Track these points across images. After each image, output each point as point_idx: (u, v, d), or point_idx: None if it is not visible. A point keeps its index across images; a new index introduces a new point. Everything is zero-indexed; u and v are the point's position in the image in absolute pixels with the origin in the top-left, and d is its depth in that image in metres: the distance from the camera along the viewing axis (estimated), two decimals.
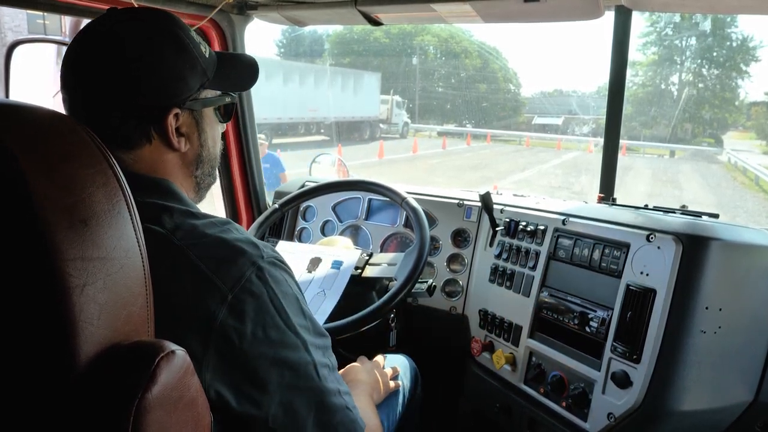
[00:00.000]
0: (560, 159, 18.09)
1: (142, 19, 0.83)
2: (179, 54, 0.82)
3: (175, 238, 0.74)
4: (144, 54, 0.80)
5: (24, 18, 15.60)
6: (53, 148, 0.49)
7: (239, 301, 0.72)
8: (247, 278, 0.73)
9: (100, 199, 0.50)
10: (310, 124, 20.57)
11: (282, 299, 0.76)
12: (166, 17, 0.85)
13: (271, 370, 0.74)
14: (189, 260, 0.72)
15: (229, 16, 1.77)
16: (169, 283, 0.69)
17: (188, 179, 0.89)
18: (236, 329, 0.71)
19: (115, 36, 0.80)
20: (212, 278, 0.71)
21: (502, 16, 1.53)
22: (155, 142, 0.82)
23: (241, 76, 0.97)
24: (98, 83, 0.79)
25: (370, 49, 27.14)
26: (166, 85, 0.81)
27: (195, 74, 0.84)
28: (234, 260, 0.74)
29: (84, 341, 0.47)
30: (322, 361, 0.80)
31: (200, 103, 0.87)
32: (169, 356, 0.51)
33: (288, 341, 0.76)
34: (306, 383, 0.77)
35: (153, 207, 0.76)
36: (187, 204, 0.83)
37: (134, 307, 0.52)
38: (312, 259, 1.53)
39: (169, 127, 0.82)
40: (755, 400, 1.20)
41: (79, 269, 0.47)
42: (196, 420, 0.55)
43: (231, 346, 0.71)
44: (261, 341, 0.73)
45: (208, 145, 0.91)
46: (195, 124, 0.87)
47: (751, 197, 12.57)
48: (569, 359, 1.31)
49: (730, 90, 25.23)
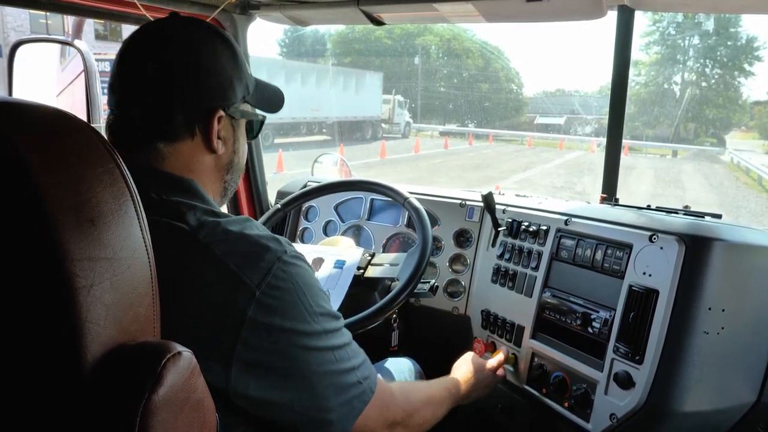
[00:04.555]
0: (562, 159, 18.08)
1: (201, 26, 0.89)
2: (233, 62, 0.88)
3: (200, 235, 0.76)
4: (204, 55, 0.85)
5: (27, 18, 15.64)
6: (61, 148, 0.49)
7: (266, 296, 0.75)
8: (273, 273, 0.76)
9: (107, 199, 0.50)
10: (312, 123, 20.59)
11: (306, 291, 0.80)
12: (219, 28, 0.92)
13: (298, 359, 0.78)
14: (215, 257, 0.75)
15: (232, 15, 1.78)
16: (197, 280, 0.73)
17: (217, 183, 0.93)
18: (264, 323, 0.75)
19: (176, 34, 0.86)
20: (239, 275, 0.74)
21: (504, 16, 1.53)
22: (197, 140, 0.86)
23: (270, 99, 1.02)
24: (157, 77, 0.83)
25: (372, 48, 27.17)
26: (218, 87, 0.86)
27: (241, 85, 0.90)
28: (260, 256, 0.77)
29: (91, 342, 0.47)
30: (339, 342, 0.85)
31: (240, 112, 0.91)
32: (175, 357, 0.51)
33: (312, 330, 0.80)
34: (328, 367, 0.82)
35: (177, 205, 0.79)
36: (210, 203, 0.85)
37: (141, 307, 0.52)
38: (315, 259, 1.53)
39: (213, 127, 0.86)
40: (758, 401, 1.19)
41: (86, 269, 0.46)
42: (202, 421, 0.55)
43: (260, 340, 0.75)
44: (289, 333, 0.77)
45: (239, 154, 0.95)
46: (232, 130, 0.91)
47: (754, 197, 12.54)
48: (572, 360, 1.30)
49: (734, 89, 25.19)
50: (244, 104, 0.93)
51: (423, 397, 1.12)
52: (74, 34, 1.87)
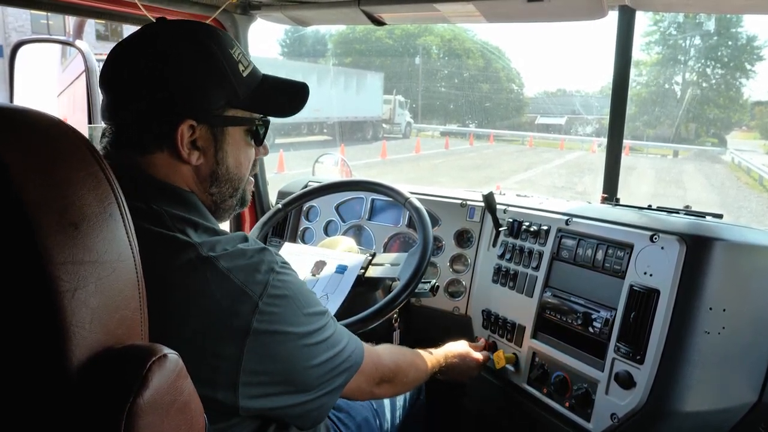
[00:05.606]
0: (563, 159, 18.07)
1: (178, 29, 0.86)
2: (204, 66, 0.83)
3: (203, 250, 0.77)
4: (167, 61, 0.81)
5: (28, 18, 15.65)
6: (44, 151, 0.49)
7: (268, 305, 0.78)
8: (271, 284, 0.79)
9: (91, 202, 0.49)
10: (313, 124, 20.59)
11: (299, 296, 0.84)
12: (206, 31, 0.87)
13: (298, 358, 0.83)
14: (219, 271, 0.76)
15: (233, 16, 1.78)
16: (201, 293, 0.75)
17: (204, 195, 0.88)
18: (268, 331, 0.78)
19: (144, 40, 0.84)
20: (243, 287, 0.77)
21: (505, 16, 1.53)
22: (167, 151, 0.82)
23: (280, 102, 0.94)
24: (124, 84, 0.82)
25: (373, 49, 27.17)
26: (183, 94, 0.82)
27: (222, 91, 0.84)
28: (257, 269, 0.79)
29: (76, 345, 0.46)
30: (328, 333, 0.89)
31: (222, 120, 0.86)
32: (161, 360, 0.50)
33: (308, 331, 0.84)
34: (322, 358, 0.87)
35: (180, 220, 0.80)
36: (209, 220, 0.86)
37: (127, 310, 0.52)
38: (317, 262, 1.53)
39: (178, 137, 0.82)
40: (759, 401, 1.19)
41: (69, 273, 0.46)
42: (190, 423, 0.55)
43: (265, 347, 0.78)
44: (289, 336, 0.81)
45: (226, 165, 0.88)
46: (213, 139, 0.86)
47: (755, 197, 12.53)
48: (572, 359, 1.30)
49: (735, 89, 25.17)
50: (233, 110, 0.87)
51: (408, 360, 1.21)
52: (75, 34, 1.87)
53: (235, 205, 0.94)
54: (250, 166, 0.94)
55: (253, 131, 0.92)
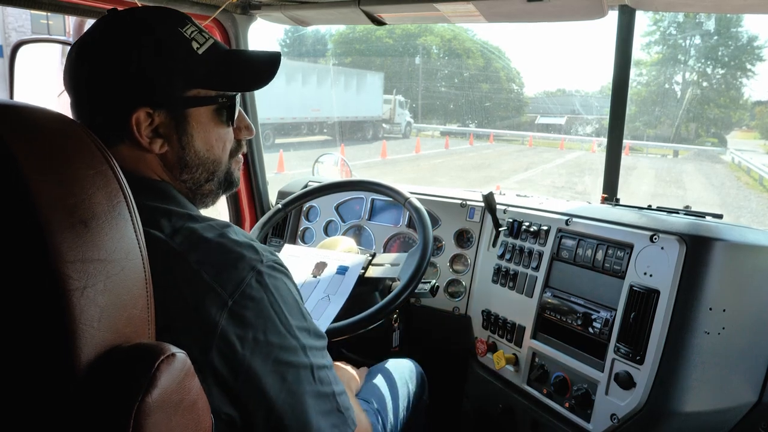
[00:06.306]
0: (563, 159, 18.05)
1: (122, 18, 0.82)
2: (149, 51, 0.79)
3: (174, 243, 0.73)
4: (111, 52, 0.79)
5: (28, 18, 15.65)
6: (54, 150, 0.49)
7: (240, 307, 0.71)
8: (247, 283, 0.73)
9: (101, 201, 0.50)
10: (313, 123, 20.57)
11: (282, 303, 0.76)
12: (151, 13, 0.83)
13: (272, 374, 0.74)
14: (189, 266, 0.71)
15: (233, 16, 1.78)
16: (169, 289, 0.69)
17: (176, 183, 0.85)
18: (237, 335, 0.71)
19: (92, 34, 0.81)
20: (212, 284, 0.71)
21: (505, 16, 1.53)
22: (128, 142, 0.80)
23: (243, 76, 0.88)
24: (80, 82, 0.81)
25: (373, 48, 27.16)
26: (131, 83, 0.79)
27: (177, 76, 0.80)
28: (233, 265, 0.73)
29: (84, 344, 0.47)
30: (320, 363, 0.81)
31: (182, 102, 0.81)
32: (169, 359, 0.50)
33: (288, 345, 0.76)
34: (307, 387, 0.78)
35: (153, 210, 0.75)
36: (186, 207, 0.82)
37: (135, 309, 0.52)
38: (317, 263, 1.53)
39: (133, 126, 0.78)
40: (759, 401, 1.19)
41: (79, 271, 0.46)
42: (197, 423, 0.55)
43: (233, 352, 0.71)
44: (262, 346, 0.73)
45: (194, 148, 0.84)
46: (174, 125, 0.82)
47: (755, 197, 12.51)
48: (572, 360, 1.30)
49: (735, 89, 25.15)
50: (193, 90, 0.82)
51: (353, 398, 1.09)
52: (75, 34, 1.87)
53: (217, 189, 0.90)
54: (227, 147, 0.89)
55: (221, 110, 0.86)
